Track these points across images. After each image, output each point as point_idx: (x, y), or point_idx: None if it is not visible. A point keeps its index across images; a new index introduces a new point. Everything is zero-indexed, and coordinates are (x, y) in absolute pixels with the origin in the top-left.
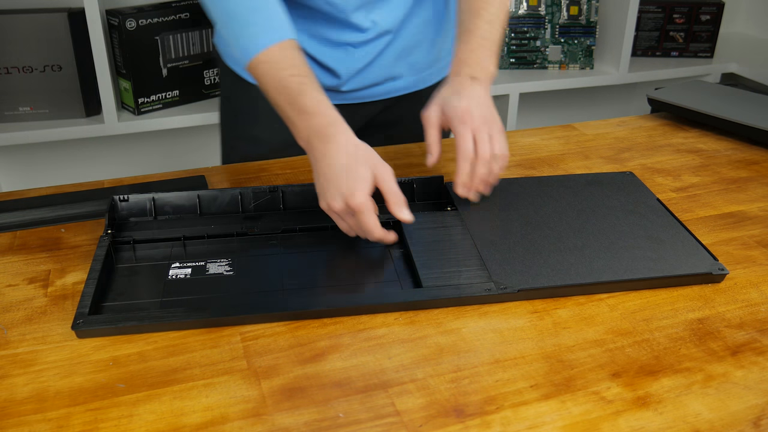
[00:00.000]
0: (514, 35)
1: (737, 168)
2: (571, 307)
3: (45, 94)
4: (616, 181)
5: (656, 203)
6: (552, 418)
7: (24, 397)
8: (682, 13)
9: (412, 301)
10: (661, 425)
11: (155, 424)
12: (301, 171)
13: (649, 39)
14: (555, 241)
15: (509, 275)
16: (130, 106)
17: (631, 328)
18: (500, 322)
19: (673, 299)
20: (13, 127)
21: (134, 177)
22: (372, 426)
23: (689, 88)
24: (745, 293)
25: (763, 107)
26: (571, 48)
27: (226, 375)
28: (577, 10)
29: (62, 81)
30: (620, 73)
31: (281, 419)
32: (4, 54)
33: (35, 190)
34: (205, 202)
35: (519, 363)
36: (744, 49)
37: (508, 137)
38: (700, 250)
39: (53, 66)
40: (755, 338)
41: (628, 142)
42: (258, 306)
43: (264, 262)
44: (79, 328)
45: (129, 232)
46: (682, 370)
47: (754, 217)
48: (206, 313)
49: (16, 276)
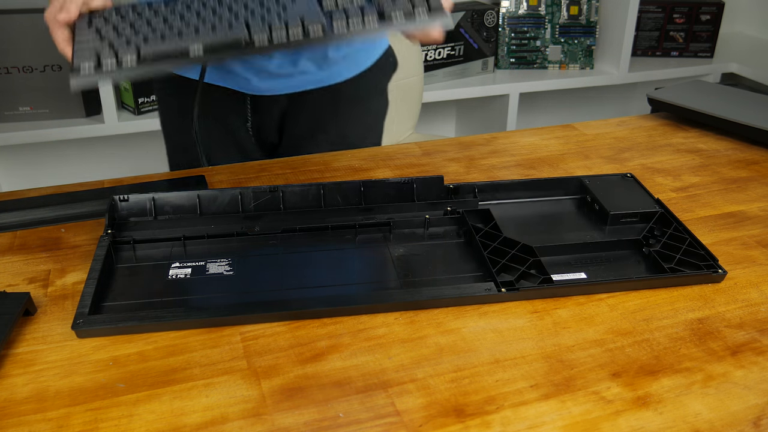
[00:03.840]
0: (514, 35)
1: (737, 168)
2: (571, 307)
3: (45, 94)
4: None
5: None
6: (552, 418)
7: (24, 397)
8: (682, 13)
9: (412, 301)
10: (661, 425)
11: (155, 424)
12: (302, 171)
13: (649, 39)
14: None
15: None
16: (130, 106)
17: (631, 328)
18: (500, 322)
19: (673, 299)
20: (13, 127)
21: (134, 177)
22: (372, 426)
23: (689, 88)
24: (745, 293)
25: (763, 107)
26: (571, 48)
27: (226, 375)
28: (577, 10)
29: (62, 81)
30: (620, 73)
31: (281, 419)
32: (4, 54)
33: (35, 190)
34: (205, 202)
35: (519, 363)
36: (744, 49)
37: (509, 137)
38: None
39: (53, 66)
40: (755, 338)
41: (628, 142)
42: (258, 306)
43: (264, 262)
44: (79, 327)
45: (129, 232)
46: (682, 370)
47: (754, 217)
48: (206, 313)
49: (16, 276)
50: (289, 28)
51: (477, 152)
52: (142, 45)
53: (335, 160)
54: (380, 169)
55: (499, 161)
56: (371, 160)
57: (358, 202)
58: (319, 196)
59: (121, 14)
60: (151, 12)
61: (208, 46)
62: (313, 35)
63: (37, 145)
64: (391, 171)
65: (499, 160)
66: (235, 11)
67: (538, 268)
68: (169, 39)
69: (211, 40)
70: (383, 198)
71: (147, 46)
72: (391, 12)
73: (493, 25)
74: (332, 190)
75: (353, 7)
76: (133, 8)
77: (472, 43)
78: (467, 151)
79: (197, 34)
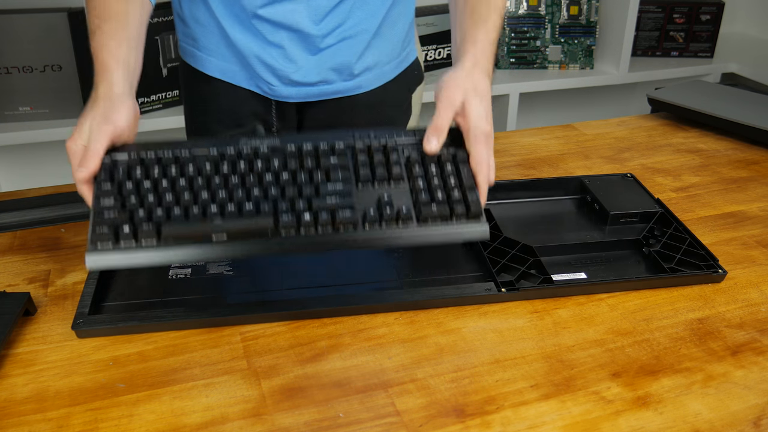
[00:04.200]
0: (514, 35)
1: (737, 168)
2: (571, 307)
3: (45, 94)
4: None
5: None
6: (552, 418)
7: (24, 397)
8: (682, 13)
9: (412, 301)
10: (661, 425)
11: (155, 424)
12: None
13: (649, 39)
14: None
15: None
16: None
17: (631, 328)
18: (500, 322)
19: (673, 299)
20: (13, 127)
21: None
22: (372, 426)
23: (689, 88)
24: (745, 293)
25: (763, 107)
26: (571, 48)
27: (226, 375)
28: (577, 10)
29: (62, 81)
30: (620, 73)
31: (281, 419)
32: (4, 54)
33: (35, 190)
34: None
35: (519, 363)
36: (744, 49)
37: (509, 137)
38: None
39: (53, 66)
40: (755, 338)
41: (628, 142)
42: (258, 306)
43: (264, 262)
44: (80, 327)
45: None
46: (682, 370)
47: (754, 217)
48: (206, 313)
49: (16, 276)
50: (318, 225)
51: None
52: (163, 223)
53: None
54: None
55: (499, 161)
56: None
57: None
58: None
59: (146, 166)
60: (177, 169)
61: (233, 233)
62: (344, 232)
63: (37, 145)
64: None
65: (499, 160)
66: (265, 187)
67: (538, 268)
68: (192, 219)
69: (235, 227)
70: None
71: (169, 225)
72: (429, 217)
73: None
74: None
75: (390, 210)
76: (158, 161)
77: None
78: None
79: (222, 218)
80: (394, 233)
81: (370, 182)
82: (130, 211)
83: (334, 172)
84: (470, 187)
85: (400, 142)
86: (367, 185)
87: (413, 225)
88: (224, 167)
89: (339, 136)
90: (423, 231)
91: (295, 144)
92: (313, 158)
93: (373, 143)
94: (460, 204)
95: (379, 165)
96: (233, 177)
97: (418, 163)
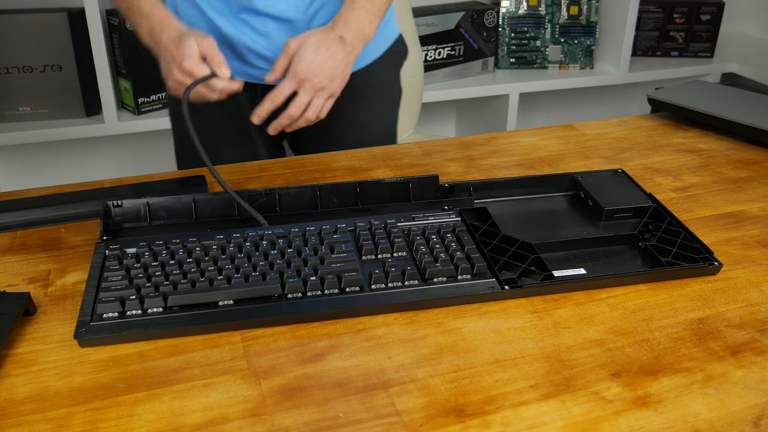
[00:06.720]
0: (514, 35)
1: (737, 168)
2: (571, 307)
3: (45, 94)
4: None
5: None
6: (552, 418)
7: (24, 397)
8: (682, 13)
9: (412, 301)
10: (661, 425)
11: (155, 424)
12: (301, 171)
13: (649, 39)
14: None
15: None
16: (130, 106)
17: (631, 328)
18: (500, 322)
19: (673, 299)
20: (13, 127)
21: (134, 177)
22: (372, 426)
23: (689, 88)
24: (745, 293)
25: (763, 107)
26: (571, 48)
27: (226, 375)
28: (577, 10)
29: (62, 81)
30: (620, 73)
31: (281, 419)
32: (4, 54)
33: (35, 190)
34: (201, 207)
35: (519, 363)
36: (744, 49)
37: (509, 137)
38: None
39: (53, 66)
40: (755, 338)
41: (628, 142)
42: (258, 307)
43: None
44: (82, 337)
45: (124, 239)
46: (682, 370)
47: (754, 217)
48: (207, 318)
49: (16, 276)
50: (325, 287)
51: (477, 152)
52: (169, 292)
53: (335, 160)
54: (380, 169)
55: (499, 161)
56: (371, 160)
57: (354, 203)
58: (315, 197)
59: (154, 252)
60: (185, 252)
61: (239, 298)
62: (350, 291)
63: (37, 145)
64: (391, 171)
65: (499, 160)
66: (271, 261)
67: (538, 265)
68: (199, 289)
69: (242, 293)
70: (379, 198)
71: (176, 294)
72: (435, 276)
73: (493, 25)
74: (328, 192)
75: (395, 271)
76: (167, 247)
77: (472, 43)
78: (467, 151)
79: (229, 285)
80: (400, 291)
81: (374, 254)
82: (137, 285)
83: (338, 246)
84: (473, 249)
85: (400, 225)
86: (369, 257)
87: (419, 283)
88: (230, 248)
89: (341, 222)
90: (430, 288)
91: (299, 229)
92: (317, 237)
93: (373, 223)
94: (464, 261)
95: (381, 240)
96: (239, 255)
97: (419, 236)
